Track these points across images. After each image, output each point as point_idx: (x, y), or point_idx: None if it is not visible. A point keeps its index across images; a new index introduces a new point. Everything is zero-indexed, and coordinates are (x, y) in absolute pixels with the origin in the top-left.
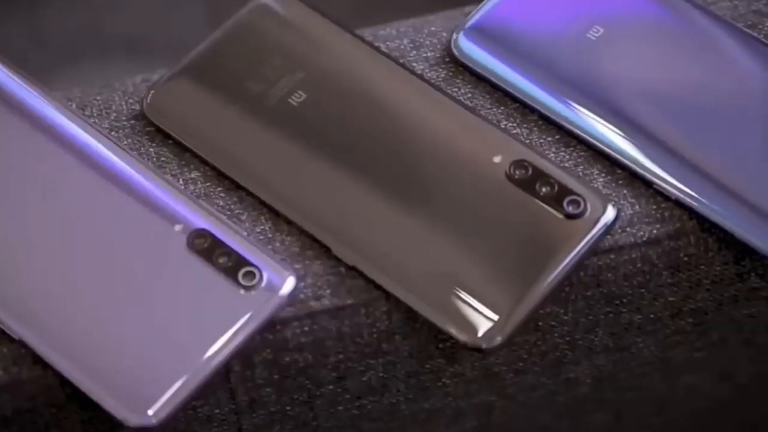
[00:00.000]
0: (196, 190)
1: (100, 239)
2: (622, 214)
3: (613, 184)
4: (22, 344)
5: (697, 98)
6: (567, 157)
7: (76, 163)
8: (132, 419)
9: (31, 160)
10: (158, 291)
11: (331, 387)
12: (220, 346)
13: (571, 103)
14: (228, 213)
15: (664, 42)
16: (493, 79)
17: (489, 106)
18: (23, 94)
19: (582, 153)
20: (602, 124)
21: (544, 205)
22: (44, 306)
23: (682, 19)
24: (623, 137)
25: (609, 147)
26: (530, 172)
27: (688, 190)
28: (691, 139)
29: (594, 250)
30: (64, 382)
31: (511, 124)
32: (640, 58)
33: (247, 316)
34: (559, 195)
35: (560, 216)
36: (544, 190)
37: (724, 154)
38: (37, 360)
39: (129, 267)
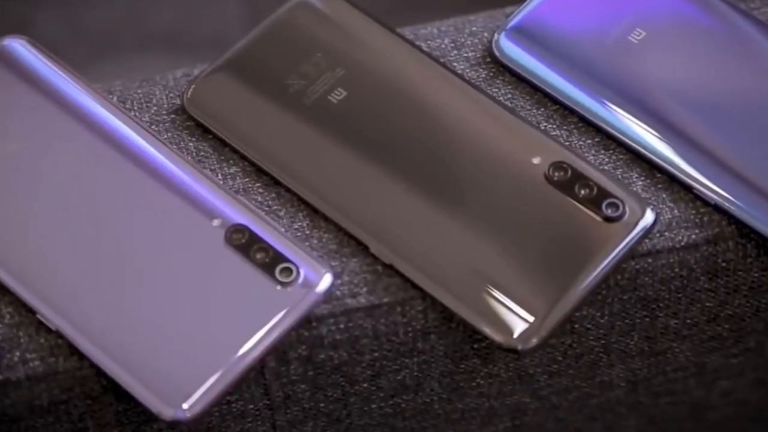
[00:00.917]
0: (235, 186)
1: (139, 233)
2: (661, 218)
3: (652, 188)
4: (59, 335)
5: (738, 103)
6: (606, 159)
7: (116, 157)
8: (166, 413)
9: (71, 152)
10: (195, 285)
11: (365, 385)
12: (255, 342)
13: (611, 105)
14: (266, 209)
15: (706, 46)
16: (534, 81)
17: (529, 107)
18: (65, 86)
19: (621, 156)
20: (642, 127)
21: (583, 208)
22: (82, 298)
23: (724, 24)
24: (663, 141)
25: (648, 150)
26: (569, 174)
27: (727, 195)
28: (731, 144)
29: (631, 253)
30: (100, 374)
31: (551, 126)
32: (681, 62)
33: (283, 313)
34: (597, 198)
35: (598, 219)
36: (582, 192)
37: (765, 160)
38: (74, 351)
39: (166, 261)
